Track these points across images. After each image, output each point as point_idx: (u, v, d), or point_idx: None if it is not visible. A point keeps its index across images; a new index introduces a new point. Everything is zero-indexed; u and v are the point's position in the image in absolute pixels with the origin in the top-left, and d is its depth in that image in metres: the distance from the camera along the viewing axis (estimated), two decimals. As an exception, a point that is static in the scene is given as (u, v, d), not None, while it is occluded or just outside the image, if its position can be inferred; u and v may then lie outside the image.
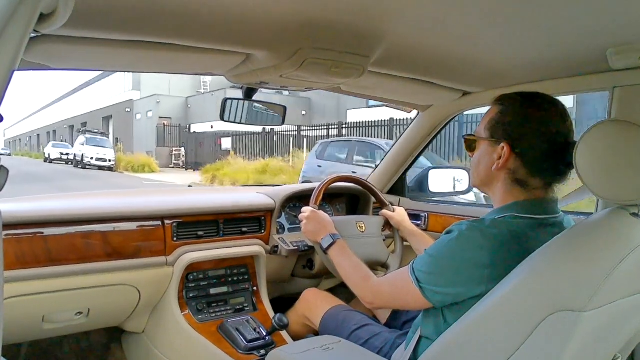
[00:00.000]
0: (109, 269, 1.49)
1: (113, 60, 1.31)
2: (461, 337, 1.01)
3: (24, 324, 1.47)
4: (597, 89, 1.45)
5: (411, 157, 2.15)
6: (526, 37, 1.14)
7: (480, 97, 1.77)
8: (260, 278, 1.84)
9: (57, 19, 0.70)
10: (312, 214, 1.59)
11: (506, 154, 1.09)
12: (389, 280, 1.24)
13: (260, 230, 1.85)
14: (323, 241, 1.50)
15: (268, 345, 1.59)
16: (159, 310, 1.70)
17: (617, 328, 1.01)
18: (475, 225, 1.06)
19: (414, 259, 1.15)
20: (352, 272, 1.36)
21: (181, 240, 1.66)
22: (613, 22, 1.01)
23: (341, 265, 1.42)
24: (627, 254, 0.88)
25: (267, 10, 1.00)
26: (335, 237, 1.49)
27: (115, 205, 1.59)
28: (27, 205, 1.49)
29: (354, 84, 1.53)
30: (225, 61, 1.29)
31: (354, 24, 1.09)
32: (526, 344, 0.90)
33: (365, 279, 1.29)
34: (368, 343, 1.39)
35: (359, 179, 1.95)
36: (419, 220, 2.11)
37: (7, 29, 0.52)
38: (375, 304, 1.27)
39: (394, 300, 1.22)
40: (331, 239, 1.48)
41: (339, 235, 1.50)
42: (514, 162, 1.09)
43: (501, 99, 1.15)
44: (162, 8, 0.97)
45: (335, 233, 1.51)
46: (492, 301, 0.96)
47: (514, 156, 1.08)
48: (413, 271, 1.11)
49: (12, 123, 72.53)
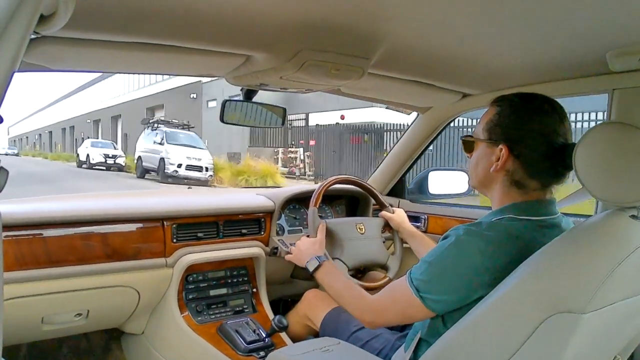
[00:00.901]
0: (109, 270, 1.49)
1: (113, 61, 1.31)
2: (460, 339, 1.01)
3: (23, 325, 1.46)
4: (596, 91, 1.45)
5: (411, 159, 2.15)
6: (526, 39, 1.14)
7: (480, 99, 1.77)
8: (260, 280, 1.84)
9: (57, 21, 0.70)
10: (299, 241, 1.57)
11: (504, 155, 1.08)
12: (387, 294, 1.17)
13: (259, 232, 1.85)
14: (308, 264, 1.43)
15: (267, 347, 1.59)
16: (159, 311, 1.70)
17: (617, 329, 1.01)
18: (473, 230, 1.05)
19: (410, 268, 1.11)
20: (344, 293, 1.28)
21: (181, 242, 1.66)
22: (613, 25, 1.01)
23: (332, 286, 1.34)
24: (627, 255, 0.88)
25: (267, 12, 1.01)
26: (320, 259, 1.41)
27: (114, 207, 1.59)
28: (26, 206, 1.49)
29: (354, 86, 1.53)
30: (225, 63, 1.29)
31: (354, 26, 1.09)
32: (525, 346, 0.90)
33: (360, 298, 1.22)
34: (368, 344, 1.38)
35: (359, 180, 1.95)
36: (418, 222, 2.11)
37: (7, 30, 0.52)
38: (376, 322, 1.20)
39: (396, 315, 1.14)
40: (317, 261, 1.41)
41: (324, 258, 1.44)
42: (512, 164, 1.08)
43: (499, 100, 1.14)
44: (162, 10, 0.97)
45: (321, 255, 1.45)
46: (492, 303, 0.96)
47: (513, 158, 1.08)
48: (411, 280, 1.07)
49: (17, 120, 68.62)
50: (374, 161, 13.09)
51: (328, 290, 1.37)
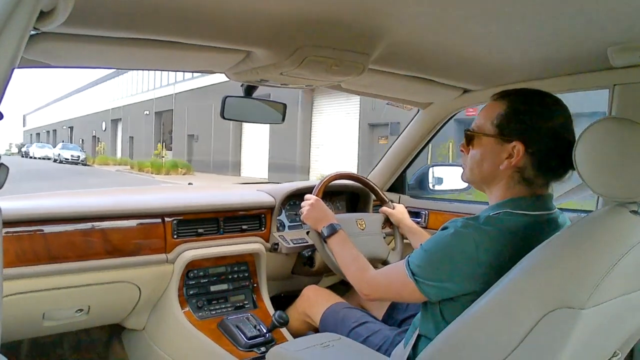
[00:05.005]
0: (109, 266, 1.49)
1: (113, 58, 1.31)
2: (460, 335, 1.02)
3: (24, 321, 1.47)
4: (597, 87, 1.45)
5: (411, 154, 2.15)
6: (527, 34, 1.14)
7: (480, 94, 1.77)
8: (261, 275, 1.85)
9: (57, 17, 0.70)
10: (316, 202, 1.59)
11: (519, 153, 1.06)
12: (386, 273, 1.24)
13: (260, 228, 1.85)
14: (324, 229, 1.50)
15: (268, 342, 1.59)
16: (159, 307, 1.70)
17: (617, 325, 1.01)
18: (470, 223, 1.05)
19: (410, 253, 1.15)
20: (350, 263, 1.35)
21: (181, 238, 1.66)
22: (614, 20, 1.01)
23: (340, 255, 1.42)
24: (627, 251, 0.88)
25: (267, 8, 1.00)
26: (336, 226, 1.48)
27: (115, 203, 1.59)
28: (27, 202, 1.49)
29: (355, 82, 1.53)
30: (225, 59, 1.29)
31: (355, 22, 1.08)
32: (525, 342, 0.90)
33: (363, 271, 1.29)
34: (367, 340, 1.39)
35: (359, 176, 1.95)
36: (419, 218, 2.12)
37: (7, 26, 0.52)
38: (371, 296, 1.27)
39: (390, 292, 1.23)
40: (333, 228, 1.48)
41: (340, 226, 1.50)
42: (524, 161, 1.07)
43: (507, 95, 1.11)
44: (162, 6, 0.96)
45: (337, 223, 1.51)
46: (491, 298, 0.96)
47: (526, 155, 1.06)
48: (408, 264, 1.11)
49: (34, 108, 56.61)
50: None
51: (336, 257, 1.46)
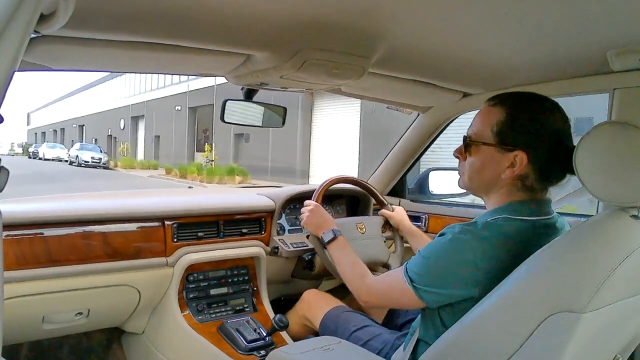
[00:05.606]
0: (109, 269, 1.49)
1: (114, 61, 1.31)
2: (460, 339, 1.01)
3: (24, 324, 1.47)
4: (597, 91, 1.45)
5: (411, 158, 2.15)
6: (527, 38, 1.14)
7: (480, 98, 1.77)
8: (261, 279, 1.84)
9: (58, 20, 0.70)
10: (315, 208, 1.60)
11: (522, 162, 1.05)
12: (384, 280, 1.24)
13: (260, 232, 1.85)
14: (325, 235, 1.50)
15: (268, 345, 1.59)
16: (159, 310, 1.70)
17: (617, 329, 1.01)
18: (468, 228, 1.05)
19: (408, 260, 1.15)
20: (349, 269, 1.36)
21: (181, 241, 1.66)
22: (614, 24, 1.01)
23: (339, 261, 1.43)
24: (627, 255, 0.87)
25: (267, 11, 1.00)
26: (336, 232, 1.49)
27: (115, 206, 1.59)
28: (27, 206, 1.49)
29: (355, 85, 1.53)
30: (225, 62, 1.29)
31: (355, 25, 1.09)
32: (525, 346, 0.90)
33: (362, 277, 1.29)
34: (368, 344, 1.39)
35: (359, 180, 1.95)
36: (419, 222, 2.11)
37: (7, 29, 0.52)
38: (369, 302, 1.27)
39: (388, 299, 1.23)
40: (333, 234, 1.49)
41: (340, 232, 1.50)
42: (526, 169, 1.05)
43: (504, 100, 1.09)
44: (162, 9, 0.97)
45: (337, 229, 1.51)
46: (491, 303, 0.96)
47: (529, 164, 1.05)
48: (407, 271, 1.10)
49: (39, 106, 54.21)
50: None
51: (335, 263, 1.46)
